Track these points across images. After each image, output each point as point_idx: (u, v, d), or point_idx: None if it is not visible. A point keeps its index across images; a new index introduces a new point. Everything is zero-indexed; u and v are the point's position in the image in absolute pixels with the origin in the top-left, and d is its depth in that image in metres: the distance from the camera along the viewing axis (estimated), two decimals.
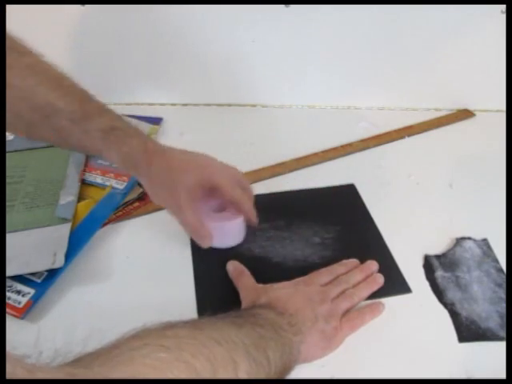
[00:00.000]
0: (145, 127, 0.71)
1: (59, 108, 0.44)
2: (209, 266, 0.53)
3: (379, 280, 0.49)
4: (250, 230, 0.56)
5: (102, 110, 0.47)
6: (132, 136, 0.47)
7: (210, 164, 0.50)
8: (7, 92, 0.41)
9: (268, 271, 0.51)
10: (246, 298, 0.46)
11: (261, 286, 0.47)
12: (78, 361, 0.27)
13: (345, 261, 0.51)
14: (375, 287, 0.49)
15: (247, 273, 0.49)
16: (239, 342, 0.33)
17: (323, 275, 0.48)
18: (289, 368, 0.39)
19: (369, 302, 0.48)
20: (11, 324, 0.45)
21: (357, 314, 0.46)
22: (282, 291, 0.45)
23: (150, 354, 0.27)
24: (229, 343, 0.32)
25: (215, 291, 0.50)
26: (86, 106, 0.46)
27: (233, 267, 0.50)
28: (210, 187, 0.49)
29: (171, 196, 0.47)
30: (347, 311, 0.46)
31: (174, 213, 0.49)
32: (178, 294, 0.50)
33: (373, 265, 0.51)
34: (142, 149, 0.47)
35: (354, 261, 0.51)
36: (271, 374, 0.35)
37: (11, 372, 0.21)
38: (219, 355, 0.30)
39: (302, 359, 0.41)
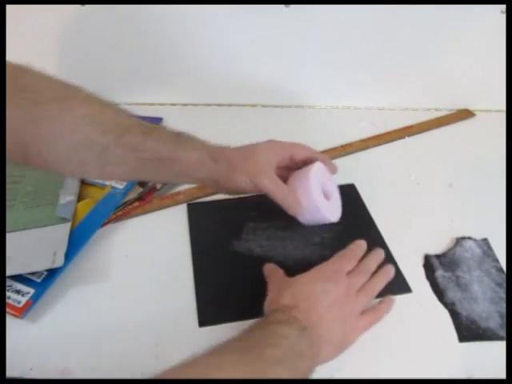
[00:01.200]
0: None
1: (129, 125, 0.45)
2: (209, 265, 0.53)
3: (391, 271, 0.49)
4: (250, 229, 0.56)
5: (160, 126, 0.50)
6: (195, 136, 0.49)
7: (272, 140, 0.52)
8: (74, 121, 0.42)
9: None
10: (270, 292, 0.46)
11: (287, 279, 0.47)
12: None
13: (358, 242, 0.51)
14: (388, 279, 0.49)
15: (281, 271, 0.49)
16: None
17: (349, 261, 0.48)
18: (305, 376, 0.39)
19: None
20: (11, 324, 0.45)
21: (371, 313, 0.46)
22: (307, 291, 0.44)
23: None
24: None
25: (215, 291, 0.50)
26: (148, 124, 0.47)
27: (269, 267, 0.51)
28: (288, 153, 0.52)
29: (257, 167, 0.48)
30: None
31: (264, 184, 0.48)
32: (178, 294, 0.50)
33: (382, 253, 0.50)
34: (207, 144, 0.49)
35: (363, 242, 0.51)
36: None
37: None
38: None
39: (318, 364, 0.41)
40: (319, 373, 0.41)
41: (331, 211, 0.52)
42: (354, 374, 0.43)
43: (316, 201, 0.49)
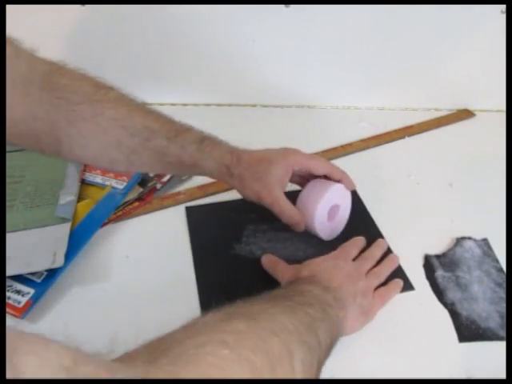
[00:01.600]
0: None
1: (156, 129, 0.47)
2: (210, 269, 0.53)
3: (396, 259, 0.53)
4: (250, 231, 0.56)
5: (188, 126, 0.50)
6: (219, 142, 0.51)
7: (290, 151, 0.53)
8: (105, 124, 0.45)
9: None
10: (285, 276, 0.48)
11: (297, 265, 0.49)
12: (149, 354, 0.28)
13: (356, 238, 0.54)
14: (394, 266, 0.52)
15: (282, 261, 0.51)
16: (293, 330, 0.35)
17: (351, 249, 0.51)
18: (334, 344, 0.41)
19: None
20: (11, 324, 0.45)
21: (385, 290, 0.49)
22: (322, 265, 0.47)
23: (214, 352, 0.29)
24: (284, 333, 0.34)
25: (217, 290, 0.50)
26: (175, 124, 0.49)
27: (268, 259, 0.52)
28: (304, 167, 0.52)
29: (264, 188, 0.50)
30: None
31: (268, 204, 0.50)
32: (179, 294, 0.50)
33: (385, 243, 0.54)
34: (229, 150, 0.51)
35: (362, 238, 0.54)
36: (321, 355, 0.37)
37: (95, 373, 0.22)
38: (276, 348, 0.32)
39: (344, 333, 0.44)
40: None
41: (327, 231, 0.55)
42: (354, 373, 0.43)
43: (315, 223, 0.52)
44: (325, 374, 0.42)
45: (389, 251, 0.54)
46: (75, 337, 0.47)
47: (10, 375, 0.19)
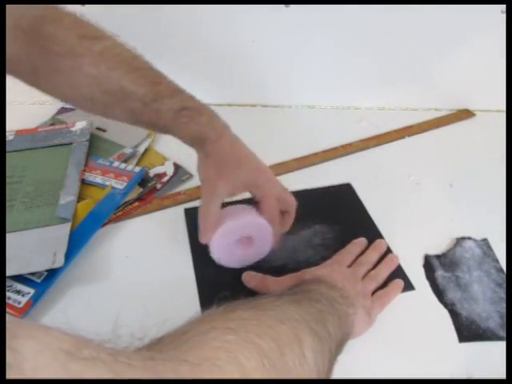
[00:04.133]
0: None
1: (131, 91, 0.46)
2: (210, 265, 0.53)
3: (395, 259, 0.52)
4: None
5: (174, 90, 0.48)
6: (201, 114, 0.48)
7: (267, 171, 0.50)
8: (81, 79, 0.46)
9: (270, 274, 0.51)
10: (285, 286, 0.46)
11: (293, 274, 0.48)
12: (152, 346, 0.28)
13: (355, 240, 0.53)
14: (393, 267, 0.51)
15: (267, 276, 0.49)
16: (301, 319, 0.34)
17: (346, 256, 0.50)
18: (345, 341, 0.40)
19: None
20: None
21: (384, 293, 0.48)
22: (321, 271, 0.47)
23: (219, 337, 0.28)
24: (291, 321, 0.33)
25: (217, 290, 0.50)
26: (158, 87, 0.47)
27: (251, 277, 0.49)
28: (254, 192, 0.49)
29: (214, 180, 0.47)
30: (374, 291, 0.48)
31: (203, 195, 0.48)
32: (179, 294, 0.50)
33: (382, 243, 0.53)
34: (210, 126, 0.48)
35: (363, 239, 0.53)
36: (333, 348, 0.36)
37: (96, 357, 0.22)
38: (283, 334, 0.31)
39: (353, 334, 0.43)
40: None
41: (222, 256, 0.50)
42: (354, 373, 0.43)
43: (213, 245, 0.49)
44: None
45: (388, 251, 0.54)
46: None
47: (10, 359, 0.19)
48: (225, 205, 0.49)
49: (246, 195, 0.51)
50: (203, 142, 0.47)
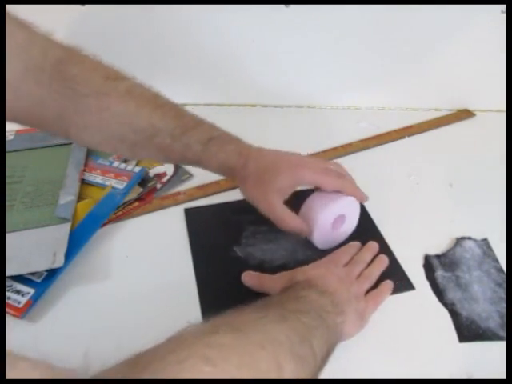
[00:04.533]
0: None
1: (161, 127, 0.47)
2: (210, 265, 0.53)
3: (385, 260, 0.52)
4: (250, 233, 0.56)
5: (198, 122, 0.49)
6: (228, 143, 0.50)
7: (301, 163, 0.51)
8: (109, 119, 0.46)
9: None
10: (278, 286, 0.46)
11: (288, 271, 0.48)
12: (130, 362, 0.28)
13: (351, 243, 0.54)
14: (384, 267, 0.52)
15: (265, 274, 0.50)
16: (284, 341, 0.33)
17: (342, 256, 0.51)
18: (331, 351, 0.40)
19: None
20: (11, 324, 0.45)
21: (377, 293, 0.49)
22: (315, 271, 0.47)
23: (195, 367, 0.28)
24: (274, 345, 0.32)
25: (218, 290, 0.50)
26: (183, 121, 0.48)
27: (249, 276, 0.50)
28: (309, 185, 0.52)
29: (263, 195, 0.49)
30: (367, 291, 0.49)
31: (265, 212, 0.50)
32: (179, 294, 0.50)
33: (375, 245, 0.54)
34: (236, 153, 0.50)
35: (357, 243, 0.54)
36: (317, 365, 0.36)
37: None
38: (264, 362, 0.31)
39: (342, 338, 0.43)
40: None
41: (327, 241, 0.54)
42: (354, 373, 0.43)
43: (315, 231, 0.51)
44: (325, 374, 0.42)
45: (380, 252, 0.53)
46: (75, 337, 0.47)
47: None
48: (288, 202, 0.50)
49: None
50: (233, 169, 0.49)
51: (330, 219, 0.52)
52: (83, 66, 0.46)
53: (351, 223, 0.55)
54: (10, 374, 0.20)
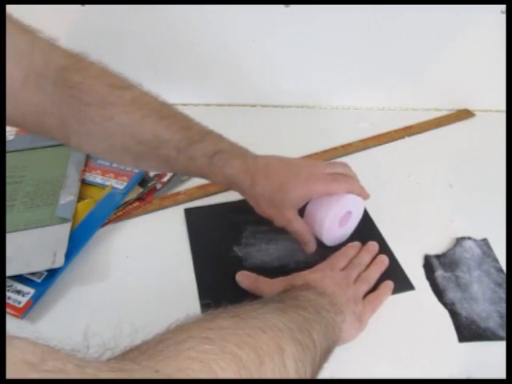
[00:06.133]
0: None
1: (165, 139, 0.46)
2: (210, 265, 0.53)
3: (385, 260, 0.52)
4: (250, 233, 0.56)
5: (204, 133, 0.48)
6: (234, 157, 0.48)
7: (310, 176, 0.50)
8: (113, 128, 0.45)
9: (270, 275, 0.50)
10: (274, 290, 0.46)
11: (287, 277, 0.48)
12: (126, 355, 0.27)
13: (350, 244, 0.53)
14: (383, 268, 0.51)
15: (261, 276, 0.49)
16: (284, 328, 0.33)
17: (340, 259, 0.51)
18: (332, 348, 0.40)
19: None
20: (11, 324, 0.45)
21: (375, 296, 0.48)
22: (313, 275, 0.46)
23: (195, 347, 0.27)
24: (273, 330, 0.32)
25: (217, 290, 0.50)
26: (189, 132, 0.47)
27: (245, 277, 0.50)
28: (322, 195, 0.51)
29: (278, 213, 0.50)
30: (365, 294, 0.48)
31: (282, 226, 0.51)
32: (179, 294, 0.50)
33: (375, 245, 0.54)
34: (243, 170, 0.48)
35: (357, 243, 0.54)
36: (317, 357, 0.36)
37: (62, 368, 0.21)
38: (264, 343, 0.30)
39: (341, 340, 0.43)
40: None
41: (335, 238, 0.54)
42: (354, 374, 0.43)
43: (324, 229, 0.51)
44: (325, 374, 0.42)
45: (380, 252, 0.53)
46: (75, 336, 0.47)
47: None
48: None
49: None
50: (241, 187, 0.49)
51: (338, 218, 0.52)
52: (88, 73, 0.44)
53: (357, 218, 0.56)
54: (10, 350, 0.20)
